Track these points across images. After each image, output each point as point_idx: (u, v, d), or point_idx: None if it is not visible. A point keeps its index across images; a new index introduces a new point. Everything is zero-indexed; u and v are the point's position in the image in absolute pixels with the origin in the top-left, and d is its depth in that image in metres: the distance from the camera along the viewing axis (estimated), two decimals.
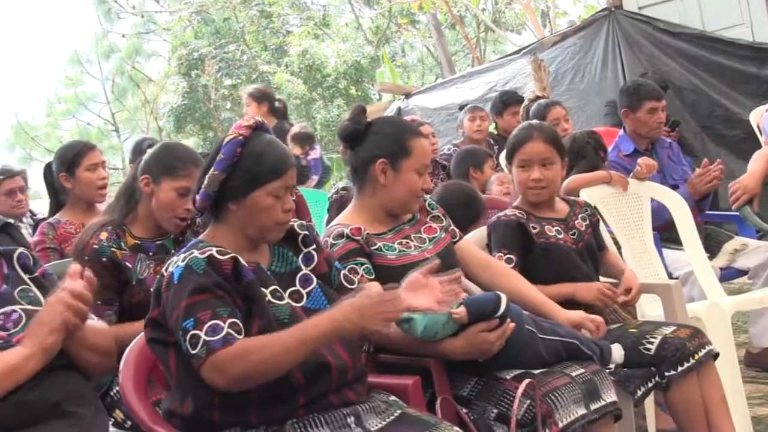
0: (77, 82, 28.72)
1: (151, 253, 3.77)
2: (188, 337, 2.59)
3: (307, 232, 3.06)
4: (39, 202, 6.38)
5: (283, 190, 2.86)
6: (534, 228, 3.86)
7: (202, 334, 2.58)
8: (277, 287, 2.85)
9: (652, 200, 5.31)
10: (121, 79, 27.88)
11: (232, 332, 2.60)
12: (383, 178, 3.48)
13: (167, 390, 2.91)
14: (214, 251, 2.72)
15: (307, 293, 2.92)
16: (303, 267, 2.99)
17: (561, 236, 3.90)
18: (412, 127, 3.60)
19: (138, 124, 27.15)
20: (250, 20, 23.87)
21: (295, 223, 3.05)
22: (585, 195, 4.97)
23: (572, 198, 4.06)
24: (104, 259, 3.60)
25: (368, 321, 2.66)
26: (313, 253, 3.03)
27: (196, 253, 2.71)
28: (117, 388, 3.37)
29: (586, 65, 9.40)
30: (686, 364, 3.64)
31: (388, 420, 2.86)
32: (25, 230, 5.78)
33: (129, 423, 3.25)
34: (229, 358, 2.57)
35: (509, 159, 3.95)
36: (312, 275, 2.98)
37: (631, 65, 8.97)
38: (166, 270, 2.76)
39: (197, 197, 2.84)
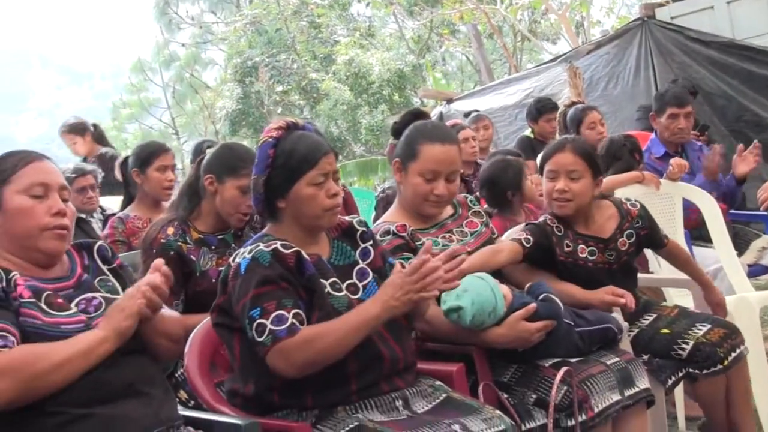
0: (141, 88, 29.04)
1: (213, 247, 3.80)
2: (254, 325, 2.63)
3: (365, 229, 3.08)
4: (105, 199, 6.45)
5: (321, 178, 2.86)
6: (567, 246, 3.68)
7: (268, 323, 2.61)
8: (336, 279, 2.87)
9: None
10: (180, 85, 28.16)
11: (296, 322, 2.64)
12: (398, 177, 3.51)
13: (230, 372, 2.95)
14: (278, 245, 2.75)
15: (363, 286, 2.93)
16: (360, 261, 3.00)
17: (593, 257, 3.69)
18: (428, 133, 3.49)
19: (196, 127, 27.39)
20: (300, 31, 23.92)
21: (354, 219, 3.08)
22: (619, 194, 4.91)
23: (627, 208, 3.80)
24: (171, 253, 3.63)
25: (411, 294, 2.69)
26: (370, 248, 3.05)
27: (261, 246, 2.74)
28: (181, 370, 3.41)
29: (620, 72, 9.33)
30: (713, 369, 3.60)
31: (434, 403, 2.89)
32: (96, 225, 5.84)
33: (192, 402, 3.27)
34: (293, 347, 2.61)
35: (540, 170, 3.82)
36: (368, 269, 2.99)
37: (662, 72, 8.88)
38: (232, 260, 2.79)
39: (251, 202, 2.88)
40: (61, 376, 2.32)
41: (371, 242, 3.07)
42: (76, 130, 7.18)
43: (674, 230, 5.11)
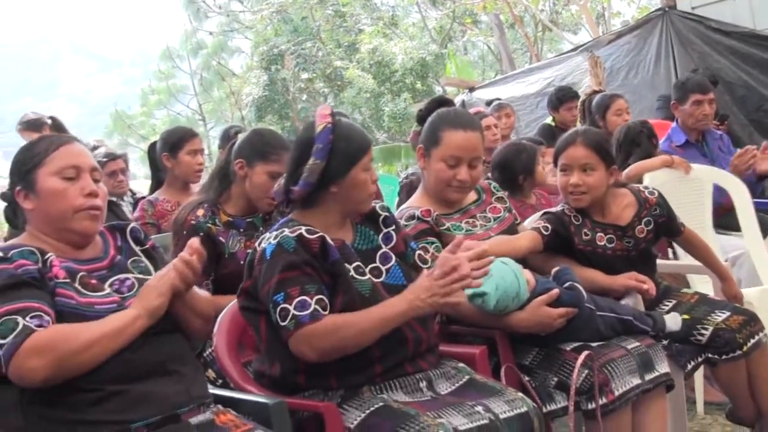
0: (169, 75, 29.16)
1: (241, 230, 3.80)
2: (278, 309, 2.64)
3: (387, 214, 3.08)
4: (134, 183, 6.49)
5: (370, 163, 2.90)
6: (586, 235, 3.66)
7: (291, 308, 2.62)
8: (359, 263, 2.86)
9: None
10: (207, 73, 28.24)
11: (319, 308, 2.64)
12: (422, 163, 3.50)
13: (257, 353, 2.96)
14: (303, 230, 2.74)
15: (386, 270, 2.93)
16: (383, 245, 3.00)
17: (612, 245, 3.67)
18: (450, 120, 3.48)
19: (223, 114, 27.46)
20: (325, 19, 23.93)
21: (377, 204, 3.06)
22: (648, 179, 4.88)
23: (645, 196, 3.77)
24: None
25: (437, 297, 2.69)
26: (393, 233, 3.04)
27: (286, 231, 2.73)
28: (209, 350, 3.42)
29: (640, 62, 9.27)
30: (732, 354, 3.58)
31: (457, 385, 2.89)
32: (126, 208, 5.87)
33: (220, 381, 3.28)
34: (316, 333, 2.61)
35: (555, 162, 3.78)
36: (391, 253, 2.99)
37: (683, 62, 8.82)
38: (258, 245, 2.80)
39: (296, 188, 2.84)
40: (94, 354, 2.33)
41: (394, 227, 3.06)
42: (33, 126, 6.98)
43: (703, 216, 5.06)
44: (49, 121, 7.02)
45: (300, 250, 2.70)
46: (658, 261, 3.93)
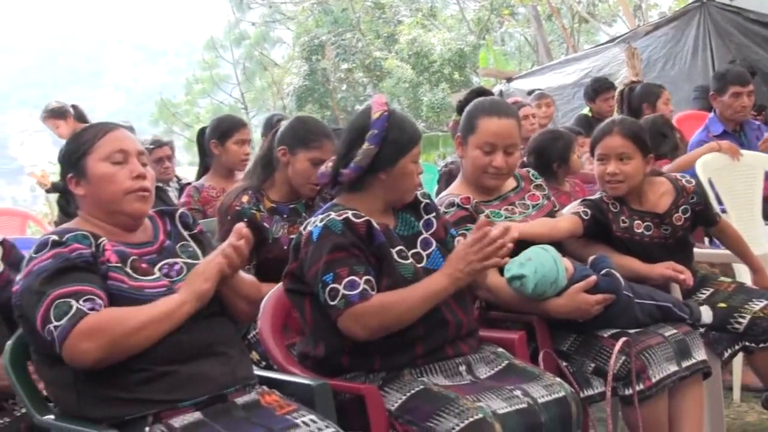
0: (212, 65, 29.30)
1: (285, 216, 3.81)
2: (327, 289, 2.65)
3: (428, 201, 3.08)
4: (178, 169, 6.53)
5: (419, 155, 2.92)
6: (624, 222, 3.62)
7: (340, 287, 2.64)
8: (402, 247, 2.88)
9: None
10: (250, 62, 28.35)
11: (368, 288, 2.66)
12: (460, 151, 3.49)
13: (301, 335, 2.97)
14: (349, 214, 2.76)
15: (426, 255, 2.93)
16: (424, 231, 3.01)
17: (649, 232, 3.63)
18: (486, 108, 3.47)
19: (264, 102, 27.55)
20: (365, 11, 23.92)
21: (418, 192, 3.06)
22: (700, 166, 4.83)
23: (683, 184, 3.72)
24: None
25: (474, 264, 2.72)
26: (433, 219, 3.05)
27: (333, 215, 2.75)
28: (254, 332, 3.44)
29: (677, 53, 9.17)
30: None
31: (496, 369, 2.89)
32: (172, 193, 5.92)
33: (263, 363, 3.30)
34: (366, 311, 2.63)
35: (591, 152, 3.76)
36: (431, 239, 2.99)
37: (720, 53, 8.72)
38: (304, 229, 2.81)
39: (346, 170, 2.85)
40: (143, 338, 2.35)
41: (434, 214, 3.07)
42: (57, 114, 7.05)
43: (752, 204, 4.99)
44: (72, 110, 7.10)
45: (347, 232, 2.73)
46: (695, 249, 3.89)
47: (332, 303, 2.65)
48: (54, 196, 8.00)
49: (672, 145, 4.96)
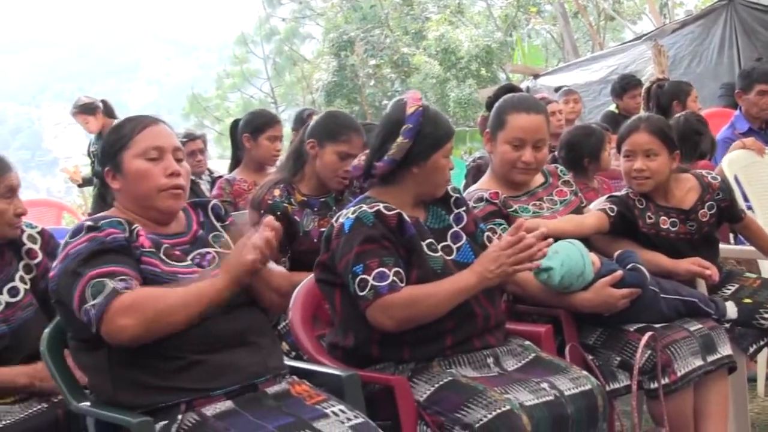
0: (243, 60, 29.35)
1: (315, 209, 3.82)
2: (357, 280, 2.66)
3: (459, 195, 3.09)
4: (209, 162, 6.57)
5: (451, 151, 2.92)
6: (650, 218, 3.59)
7: (370, 279, 2.65)
8: (432, 240, 2.88)
9: None
10: (280, 58, 28.40)
11: (397, 280, 2.67)
12: (489, 147, 3.47)
13: (331, 326, 2.97)
14: (381, 206, 2.77)
15: (456, 248, 2.94)
16: (454, 225, 3.01)
17: (675, 228, 3.60)
18: (515, 103, 3.46)
19: (294, 97, 27.60)
20: (393, 7, 23.87)
21: (449, 186, 3.06)
22: (726, 163, 4.79)
23: (708, 181, 3.70)
24: (278, 213, 3.65)
25: (505, 267, 2.72)
26: (463, 214, 3.05)
27: (365, 207, 2.76)
28: (284, 323, 3.45)
29: (703, 51, 9.12)
30: None
31: (523, 362, 2.89)
32: (204, 186, 5.95)
33: (293, 354, 3.31)
34: (394, 303, 2.65)
35: (618, 148, 3.73)
36: (462, 233, 3.00)
37: (746, 51, 8.65)
38: (335, 221, 2.82)
39: (380, 163, 2.85)
40: (178, 316, 2.34)
41: (464, 208, 3.07)
42: (87, 110, 7.09)
43: None
44: (101, 105, 7.13)
45: (378, 224, 2.73)
46: (721, 246, 3.86)
47: (361, 294, 2.66)
48: (88, 188, 8.06)
49: (709, 143, 4.93)
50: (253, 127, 4.95)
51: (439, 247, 2.89)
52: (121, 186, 2.58)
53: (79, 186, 7.45)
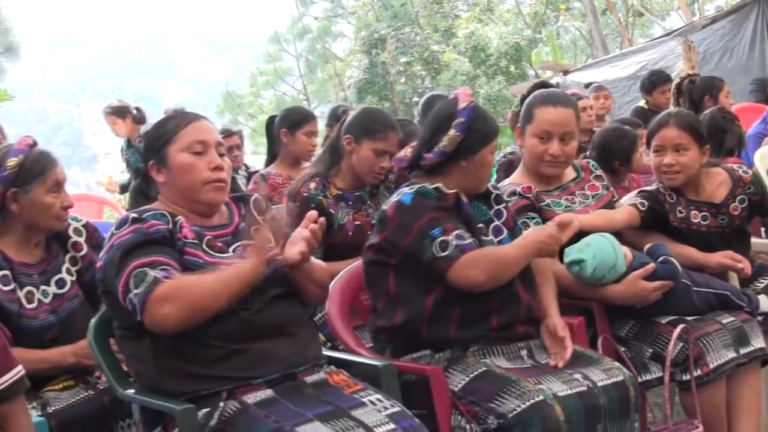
0: (276, 58, 29.42)
1: (350, 202, 3.83)
2: (437, 242, 2.72)
3: (498, 192, 3.12)
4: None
5: (495, 148, 2.97)
6: (680, 212, 3.58)
7: (451, 239, 2.72)
8: (482, 226, 2.97)
9: None
10: (312, 56, 28.42)
11: (474, 241, 2.77)
12: (519, 141, 3.48)
13: (372, 312, 2.98)
14: (439, 185, 2.84)
15: (498, 241, 2.97)
16: (495, 219, 3.04)
17: (706, 222, 3.58)
18: (543, 97, 3.46)
19: (326, 94, 27.60)
20: (423, 5, 23.80)
21: (489, 183, 3.10)
22: (758, 157, 4.75)
23: (739, 174, 3.67)
24: (312, 206, 3.66)
25: (552, 239, 2.85)
26: (503, 210, 3.08)
27: (425, 184, 2.83)
28: (320, 315, 3.46)
29: (734, 46, 9.04)
30: None
31: None
32: (241, 181, 5.97)
33: (329, 344, 3.32)
34: (483, 256, 2.75)
35: (648, 144, 3.72)
36: (503, 227, 3.03)
37: None
38: (385, 205, 2.89)
39: (429, 155, 2.90)
40: (216, 300, 2.36)
41: (504, 205, 3.10)
42: (118, 112, 7.05)
43: None
44: (135, 112, 7.13)
45: (440, 198, 2.81)
46: (753, 239, 3.83)
47: (444, 254, 2.71)
48: None
49: (736, 139, 4.87)
50: (291, 123, 4.97)
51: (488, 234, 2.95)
52: (166, 179, 2.60)
53: (120, 194, 7.49)
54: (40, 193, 2.94)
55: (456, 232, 2.73)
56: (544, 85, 3.71)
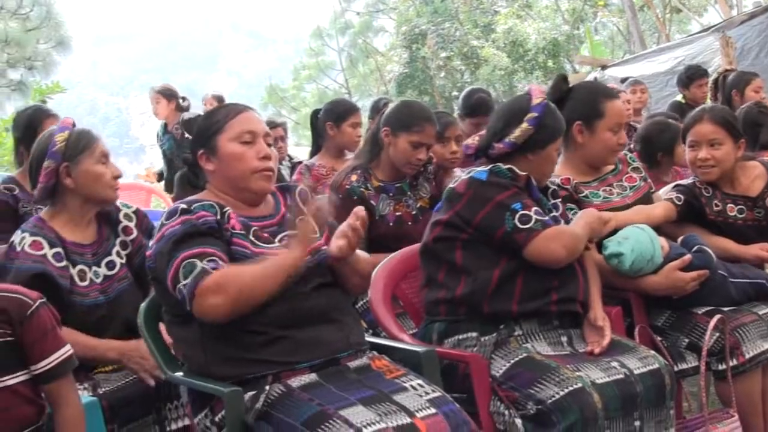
0: (318, 52, 29.50)
1: (391, 194, 3.84)
2: (518, 215, 2.77)
3: (555, 187, 3.16)
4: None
5: (560, 146, 3.04)
6: (717, 206, 3.55)
7: (532, 213, 2.77)
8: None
9: None
10: (354, 50, 28.44)
11: (551, 219, 2.83)
12: (580, 138, 3.41)
13: (426, 287, 2.99)
14: (512, 166, 2.87)
15: None
16: (553, 210, 3.07)
17: (743, 215, 3.54)
18: (606, 91, 3.47)
19: (367, 88, 27.63)
20: (463, 1, 23.71)
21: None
22: None
23: None
24: (354, 198, 3.68)
25: (600, 221, 2.95)
26: (559, 204, 3.12)
27: (498, 164, 2.88)
28: (361, 302, 3.48)
29: None
30: None
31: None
32: (285, 171, 6.00)
33: (370, 331, 3.33)
34: (564, 232, 2.81)
35: (683, 139, 3.70)
36: (560, 219, 3.04)
37: None
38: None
39: (500, 145, 2.94)
40: (262, 288, 2.37)
41: (560, 199, 3.14)
42: (165, 93, 7.16)
43: None
44: (180, 99, 7.19)
45: (513, 178, 2.85)
46: None
47: (526, 226, 2.75)
48: None
49: None
50: (336, 116, 4.98)
51: None
52: (216, 168, 2.62)
53: (158, 181, 7.55)
54: (90, 163, 3.00)
55: (535, 207, 2.78)
56: (565, 78, 3.65)
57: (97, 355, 2.87)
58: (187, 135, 6.81)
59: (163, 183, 7.28)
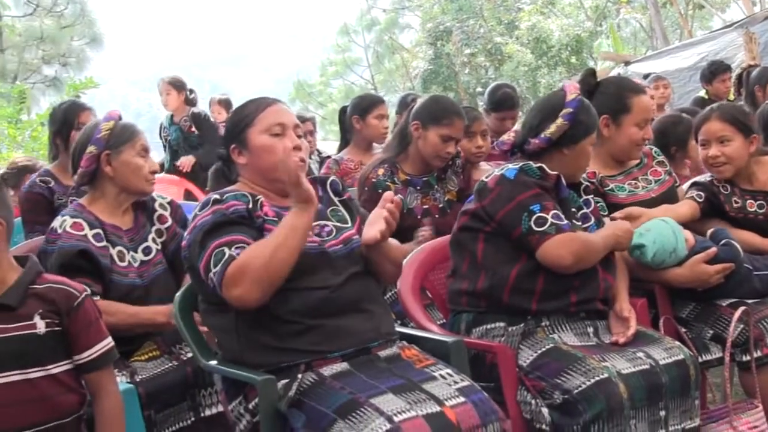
0: (345, 49, 29.58)
1: (418, 187, 3.84)
2: (535, 217, 2.75)
3: (588, 184, 3.15)
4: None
5: (594, 141, 3.00)
6: (736, 202, 3.49)
7: (549, 216, 2.75)
8: (574, 210, 2.98)
9: None
10: (380, 47, 28.49)
11: (568, 224, 2.79)
12: (606, 131, 3.39)
13: (451, 278, 3.00)
14: (543, 165, 2.86)
15: (584, 228, 2.98)
16: (584, 207, 3.07)
17: (762, 210, 3.47)
18: (633, 86, 3.45)
19: (393, 84, 27.66)
20: None
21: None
22: None
23: None
24: (380, 191, 3.67)
25: (628, 234, 2.94)
26: (591, 200, 3.11)
27: (529, 162, 2.86)
28: (390, 293, 3.48)
29: None
30: None
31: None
32: (313, 165, 6.01)
33: (399, 322, 3.32)
34: (576, 239, 2.77)
35: (696, 139, 3.65)
36: (591, 215, 3.05)
37: None
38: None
39: (536, 140, 2.94)
40: (282, 259, 2.35)
41: (592, 195, 3.13)
42: (175, 84, 7.14)
43: None
44: (189, 91, 7.18)
45: (543, 178, 2.84)
46: None
47: (540, 229, 2.73)
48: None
49: None
50: (361, 109, 4.99)
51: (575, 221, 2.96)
52: (248, 161, 2.63)
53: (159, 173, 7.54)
54: (131, 154, 3.08)
55: (554, 211, 2.75)
56: (594, 73, 3.64)
57: (145, 321, 2.93)
58: (194, 129, 6.86)
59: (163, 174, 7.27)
